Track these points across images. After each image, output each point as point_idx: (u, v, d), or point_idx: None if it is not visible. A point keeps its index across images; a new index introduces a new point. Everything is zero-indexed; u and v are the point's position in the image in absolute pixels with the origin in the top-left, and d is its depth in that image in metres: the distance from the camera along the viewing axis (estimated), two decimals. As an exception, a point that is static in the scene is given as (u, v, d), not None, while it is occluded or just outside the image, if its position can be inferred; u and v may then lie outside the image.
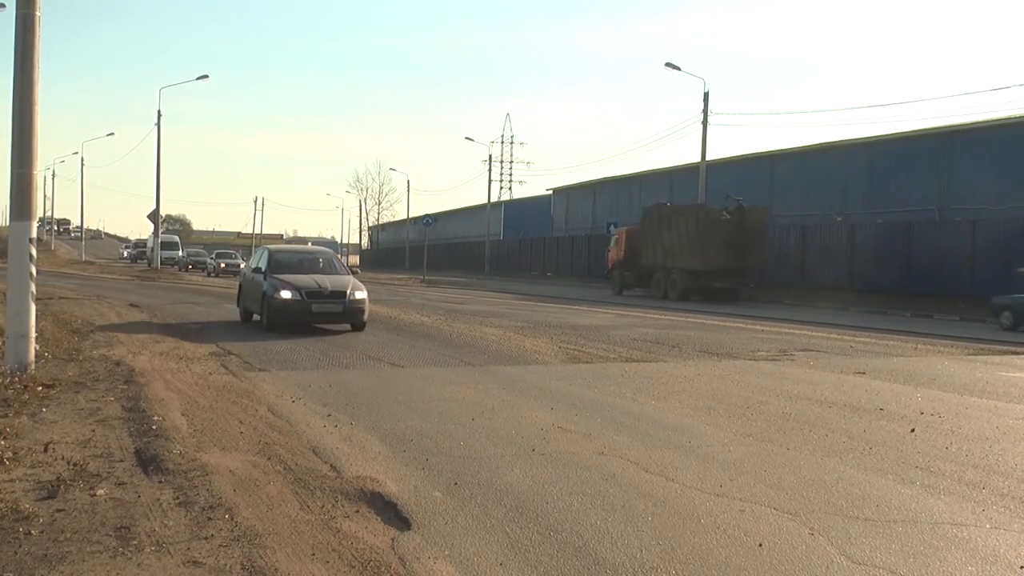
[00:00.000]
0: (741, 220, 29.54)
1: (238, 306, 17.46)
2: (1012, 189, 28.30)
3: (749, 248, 29.30)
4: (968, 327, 21.51)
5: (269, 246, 18.63)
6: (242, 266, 44.86)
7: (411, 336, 15.01)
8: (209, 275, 47.32)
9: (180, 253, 61.59)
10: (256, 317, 16.12)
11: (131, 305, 20.55)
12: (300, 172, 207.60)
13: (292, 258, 16.81)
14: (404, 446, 6.54)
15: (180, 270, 52.71)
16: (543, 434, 7.06)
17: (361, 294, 15.16)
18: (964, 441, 7.18)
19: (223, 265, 48.62)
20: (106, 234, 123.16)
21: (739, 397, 9.21)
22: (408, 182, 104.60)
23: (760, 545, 4.42)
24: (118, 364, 10.20)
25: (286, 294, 14.66)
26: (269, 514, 4.70)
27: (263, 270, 15.72)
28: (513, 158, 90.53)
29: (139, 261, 65.22)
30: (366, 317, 15.36)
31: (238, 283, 18.28)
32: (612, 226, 45.00)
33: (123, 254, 76.73)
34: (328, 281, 15.18)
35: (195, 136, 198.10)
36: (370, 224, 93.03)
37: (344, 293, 14.96)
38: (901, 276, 30.05)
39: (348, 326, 15.33)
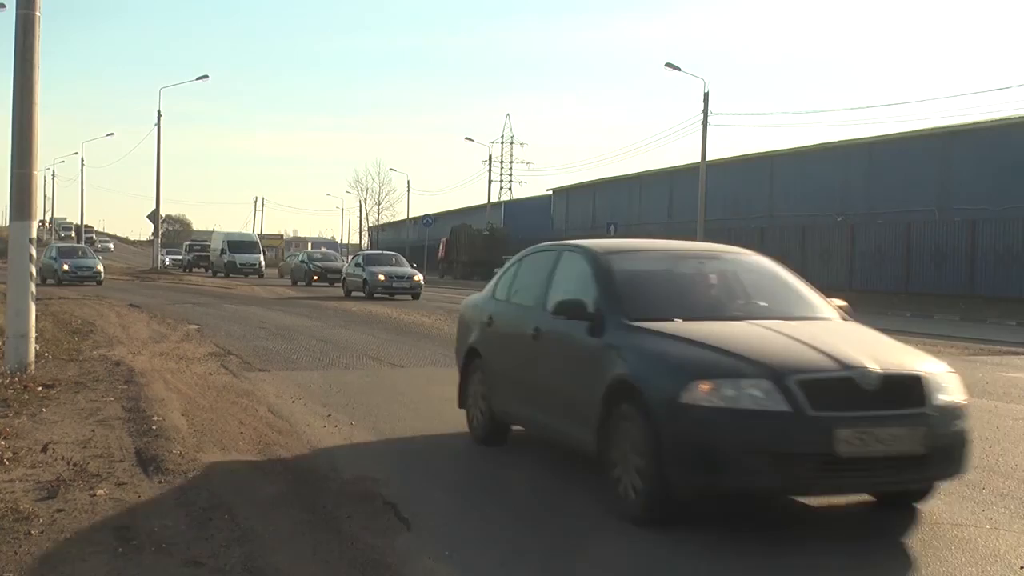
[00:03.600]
0: (492, 235, 52.00)
1: (465, 404, 6.90)
2: (1012, 189, 28.27)
3: (496, 251, 46.80)
4: (968, 327, 21.49)
5: (581, 242, 6.46)
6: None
7: (412, 336, 15.00)
8: (350, 293, 27.10)
9: (260, 256, 43.80)
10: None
11: (131, 306, 20.55)
12: (300, 172, 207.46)
13: (674, 270, 6.01)
14: (404, 446, 6.53)
15: (305, 284, 33.88)
16: (543, 434, 7.03)
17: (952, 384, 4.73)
18: (964, 441, 7.16)
19: (382, 278, 25.84)
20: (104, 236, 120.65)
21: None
22: (408, 182, 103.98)
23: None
24: (118, 364, 10.19)
25: (761, 392, 4.32)
26: (269, 514, 4.70)
27: (590, 308, 5.32)
28: (513, 158, 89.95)
29: (195, 270, 48.45)
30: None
31: (466, 343, 7.07)
32: (612, 226, 45.33)
33: (165, 262, 52.94)
34: (842, 342, 4.83)
35: (195, 136, 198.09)
36: (370, 224, 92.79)
37: (920, 387, 4.53)
38: (901, 276, 30.04)
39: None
